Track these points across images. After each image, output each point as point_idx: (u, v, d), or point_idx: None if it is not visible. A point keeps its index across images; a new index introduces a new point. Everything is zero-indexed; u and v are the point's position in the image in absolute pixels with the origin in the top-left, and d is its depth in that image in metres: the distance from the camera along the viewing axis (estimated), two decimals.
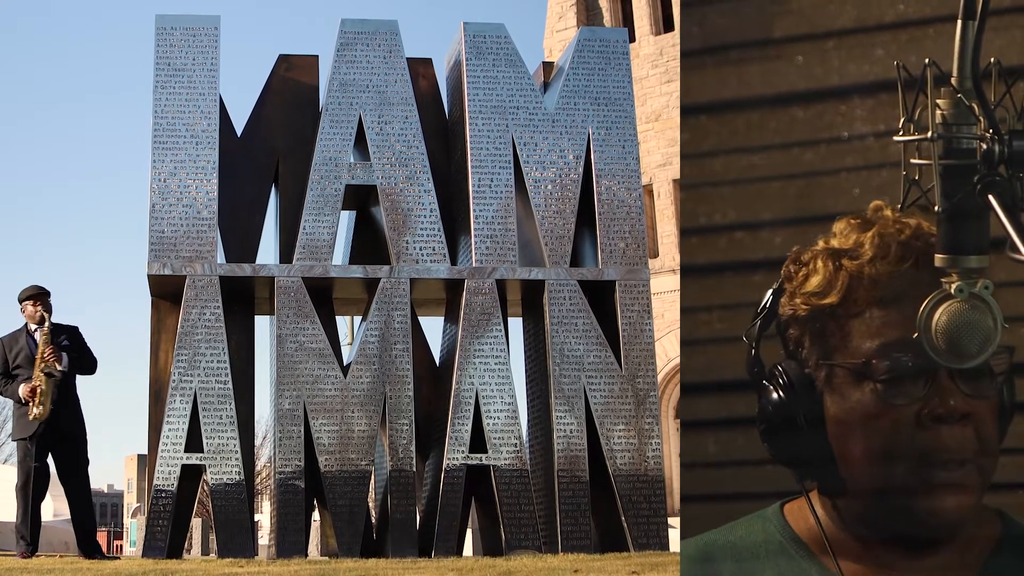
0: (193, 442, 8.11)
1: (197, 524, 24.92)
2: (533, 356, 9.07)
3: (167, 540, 7.96)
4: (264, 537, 16.29)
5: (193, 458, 8.10)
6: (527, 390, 9.14)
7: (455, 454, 8.29)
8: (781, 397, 2.53)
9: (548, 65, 9.92)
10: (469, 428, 8.35)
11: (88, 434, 7.89)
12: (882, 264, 2.46)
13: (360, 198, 9.23)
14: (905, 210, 2.43)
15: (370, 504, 9.00)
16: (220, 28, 8.86)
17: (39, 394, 7.53)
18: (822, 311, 2.49)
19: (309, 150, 8.81)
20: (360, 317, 9.11)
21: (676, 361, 23.57)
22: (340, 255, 9.33)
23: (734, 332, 2.60)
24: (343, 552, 8.01)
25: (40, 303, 7.82)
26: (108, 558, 7.91)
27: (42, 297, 7.84)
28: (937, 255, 2.40)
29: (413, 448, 8.35)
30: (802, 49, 2.58)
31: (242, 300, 8.81)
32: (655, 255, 25.13)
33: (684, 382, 2.94)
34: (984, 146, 2.32)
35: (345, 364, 8.56)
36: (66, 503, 7.93)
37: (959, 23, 2.29)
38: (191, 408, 8.13)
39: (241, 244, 8.77)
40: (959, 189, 2.34)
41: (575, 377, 8.54)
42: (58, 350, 7.60)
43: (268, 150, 9.06)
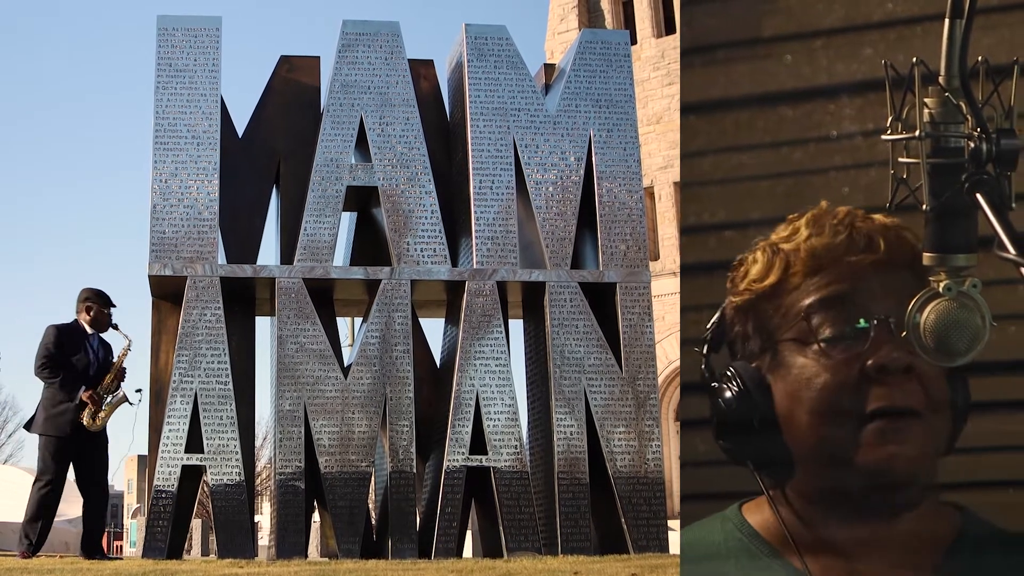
0: (193, 443, 8.11)
1: (197, 525, 24.93)
2: (534, 358, 9.07)
3: (167, 541, 7.96)
4: (264, 538, 16.30)
5: (193, 459, 8.10)
6: (527, 392, 9.14)
7: (455, 455, 8.29)
8: (732, 395, 2.58)
9: (549, 67, 9.93)
10: (469, 430, 8.35)
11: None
12: (817, 239, 2.53)
13: (361, 199, 9.23)
14: (893, 208, 2.45)
15: (370, 505, 9.00)
16: (221, 29, 8.87)
17: (103, 409, 7.55)
18: (762, 295, 2.56)
19: (310, 151, 8.81)
20: (361, 318, 9.11)
21: (677, 363, 23.56)
22: (341, 256, 9.34)
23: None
24: (343, 553, 8.02)
25: (109, 312, 7.87)
26: (108, 559, 7.91)
27: (111, 305, 7.90)
28: (925, 253, 2.42)
29: (413, 449, 8.35)
30: (791, 48, 2.59)
31: (243, 301, 8.82)
32: (656, 257, 25.14)
33: (683, 381, 2.95)
34: (972, 144, 2.33)
35: (346, 365, 8.56)
36: (67, 504, 7.93)
37: (946, 22, 2.29)
38: (191, 409, 8.14)
39: (242, 245, 8.77)
40: (947, 188, 2.35)
41: (575, 379, 8.54)
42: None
43: (269, 151, 9.07)
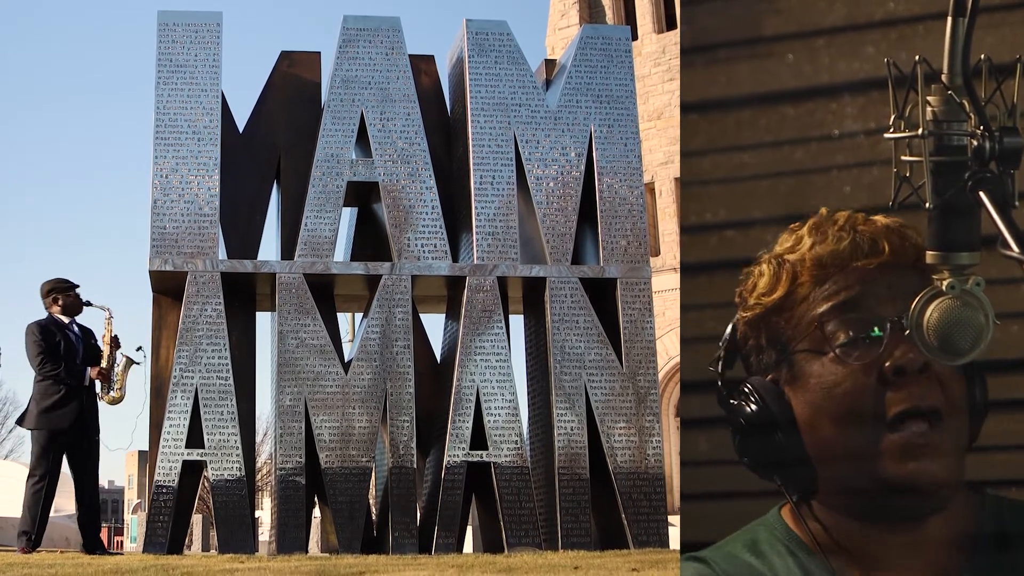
0: (194, 438, 8.12)
1: (198, 520, 24.94)
2: (534, 353, 9.06)
3: (168, 536, 7.96)
4: (264, 533, 16.29)
5: (194, 454, 8.10)
6: (528, 387, 9.14)
7: (456, 451, 8.29)
8: (752, 410, 2.57)
9: (550, 63, 9.92)
10: (470, 425, 8.35)
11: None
12: (822, 247, 2.53)
13: (362, 195, 9.23)
14: (896, 207, 2.44)
15: (371, 501, 9.00)
16: (222, 24, 8.86)
17: (116, 378, 7.63)
18: (772, 308, 2.55)
19: (311, 146, 8.80)
20: (361, 314, 9.10)
21: (677, 359, 23.57)
22: (341, 252, 9.33)
23: (724, 331, 2.61)
24: (343, 548, 8.02)
25: (75, 293, 7.93)
26: (109, 554, 7.92)
27: (75, 287, 7.97)
28: (928, 252, 2.41)
29: (414, 445, 8.35)
30: (792, 47, 2.58)
31: (243, 296, 8.82)
32: (656, 253, 25.14)
33: (683, 380, 2.95)
34: (975, 143, 2.32)
35: (346, 361, 8.56)
36: (68, 499, 7.94)
37: (949, 20, 2.29)
38: (192, 404, 8.14)
39: (242, 240, 8.77)
40: (950, 186, 2.35)
41: (576, 374, 8.54)
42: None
43: (270, 146, 9.06)
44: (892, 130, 2.38)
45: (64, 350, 7.72)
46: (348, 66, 8.95)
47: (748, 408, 2.59)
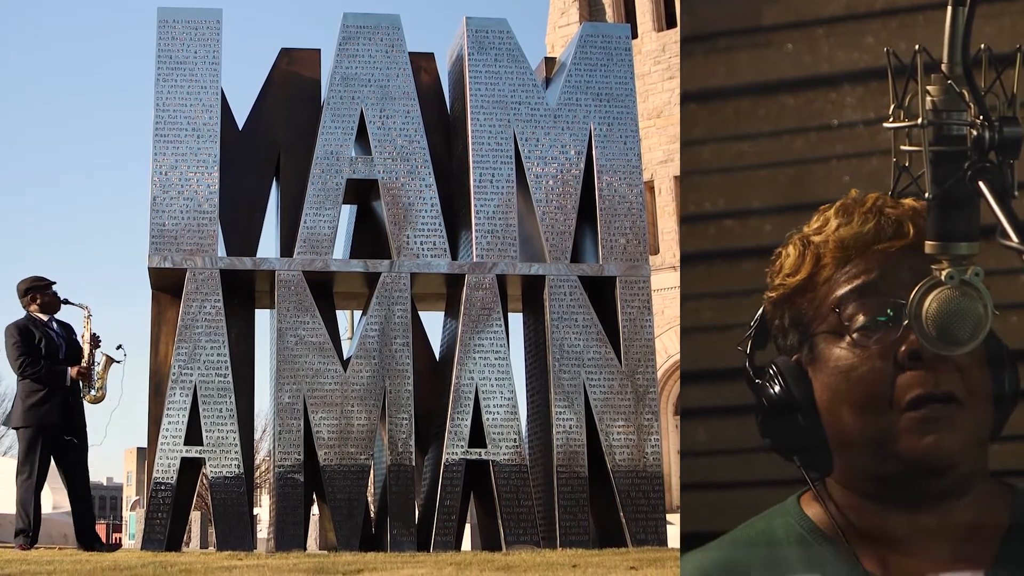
0: (193, 435, 8.11)
1: (196, 517, 24.95)
2: (533, 351, 9.06)
3: (166, 533, 7.95)
4: (263, 530, 16.27)
5: (193, 451, 8.10)
6: (527, 385, 9.13)
7: (454, 449, 8.29)
8: (775, 391, 2.57)
9: (550, 60, 9.92)
10: (468, 423, 8.35)
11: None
12: (846, 229, 2.52)
13: (361, 192, 9.22)
14: (895, 197, 2.44)
15: (369, 498, 8.99)
16: (222, 21, 8.86)
17: (97, 378, 7.63)
18: (796, 289, 2.55)
19: (310, 144, 8.80)
20: (360, 311, 9.10)
21: (675, 358, 23.61)
22: (341, 249, 9.32)
23: (723, 320, 2.61)
24: (342, 546, 8.01)
25: (52, 290, 7.93)
26: (107, 549, 7.92)
27: (51, 284, 7.96)
28: (927, 242, 2.41)
29: (412, 442, 8.35)
30: (792, 37, 2.57)
31: (242, 294, 8.82)
32: (656, 251, 25.16)
33: (683, 370, 2.95)
34: (974, 132, 2.32)
35: (345, 358, 8.55)
36: (65, 496, 7.94)
37: (949, 10, 2.29)
38: (191, 401, 8.13)
39: (242, 238, 8.76)
40: (949, 176, 2.35)
41: (575, 373, 8.53)
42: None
43: (269, 144, 9.06)
44: (891, 120, 2.38)
45: (45, 348, 7.74)
46: (348, 63, 8.95)
47: (771, 389, 2.60)
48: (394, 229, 8.68)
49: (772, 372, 2.62)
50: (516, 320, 9.40)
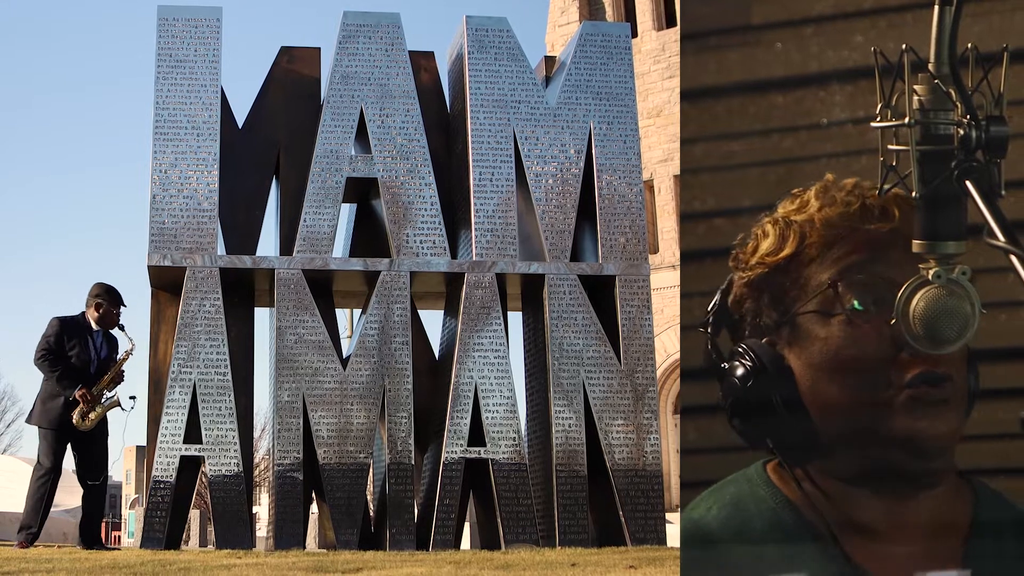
0: (192, 434, 8.12)
1: (195, 516, 24.96)
2: (532, 350, 9.07)
3: (165, 531, 7.96)
4: (262, 529, 16.29)
5: (192, 449, 8.11)
6: (526, 384, 9.14)
7: (453, 447, 8.29)
8: (746, 372, 2.55)
9: (550, 59, 9.93)
10: (468, 422, 8.35)
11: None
12: (831, 209, 2.50)
13: (361, 191, 9.23)
14: (882, 196, 2.44)
15: (368, 497, 9.00)
16: (222, 19, 8.87)
17: (94, 410, 7.59)
18: (778, 267, 2.53)
19: (310, 142, 8.81)
20: (360, 310, 9.11)
21: (675, 356, 23.63)
22: (340, 248, 9.33)
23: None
24: (341, 544, 8.02)
25: (118, 311, 7.89)
26: (107, 549, 7.93)
27: (121, 304, 7.92)
28: (915, 241, 2.41)
29: (412, 441, 8.36)
30: (781, 36, 2.58)
31: (242, 292, 8.83)
32: (655, 250, 25.19)
33: (683, 367, 2.95)
34: (961, 132, 2.32)
35: (344, 357, 8.56)
36: (66, 494, 7.96)
37: (935, 9, 2.29)
38: (190, 399, 8.14)
39: (241, 236, 8.77)
40: (936, 175, 2.35)
41: (574, 372, 8.54)
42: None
43: (269, 142, 9.07)
44: (879, 119, 2.38)
45: (79, 352, 7.74)
46: (348, 62, 8.96)
47: (742, 370, 2.55)
48: (394, 228, 8.69)
49: (742, 351, 2.58)
50: (515, 319, 9.42)
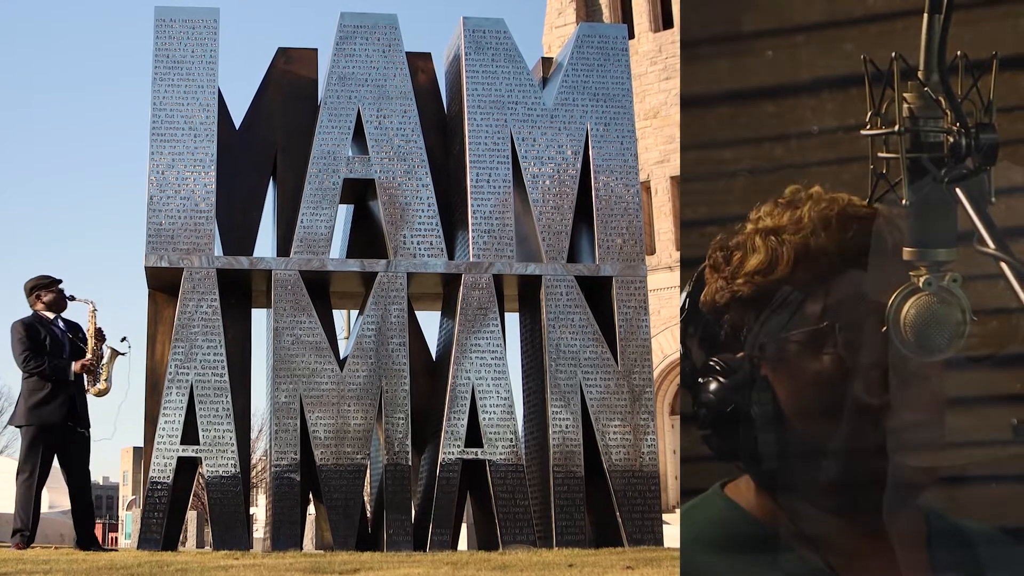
0: (189, 435, 8.13)
1: (192, 517, 24.96)
2: (529, 351, 9.07)
3: (162, 532, 7.97)
4: (259, 530, 16.28)
5: (189, 451, 8.12)
6: (523, 385, 9.14)
7: (451, 448, 8.30)
8: (722, 388, 2.50)
9: (547, 61, 9.93)
10: (465, 423, 8.36)
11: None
12: (826, 235, 2.45)
13: (358, 192, 9.24)
14: (872, 203, 2.44)
15: (365, 498, 9.01)
16: (219, 21, 8.87)
17: (100, 370, 7.67)
18: (769, 287, 2.48)
19: (307, 143, 8.82)
20: (357, 311, 9.12)
21: (672, 357, 23.67)
22: (337, 249, 9.33)
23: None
24: (338, 545, 8.03)
25: (59, 288, 7.98)
26: (104, 550, 7.93)
27: (57, 282, 8.02)
28: (905, 248, 2.41)
29: (409, 442, 8.36)
30: (771, 44, 2.58)
31: (239, 293, 8.83)
32: (652, 252, 25.21)
33: (683, 374, 2.93)
34: (951, 139, 2.33)
35: (342, 358, 8.57)
36: (62, 495, 7.97)
37: (925, 17, 2.30)
38: (187, 400, 8.15)
39: (238, 237, 8.78)
40: (927, 182, 2.35)
41: (571, 372, 8.54)
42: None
43: (266, 143, 9.07)
44: (868, 127, 2.38)
45: (50, 346, 7.78)
46: (345, 63, 8.96)
47: (716, 385, 2.50)
48: (391, 229, 8.69)
49: (720, 368, 2.51)
50: (512, 320, 9.43)
